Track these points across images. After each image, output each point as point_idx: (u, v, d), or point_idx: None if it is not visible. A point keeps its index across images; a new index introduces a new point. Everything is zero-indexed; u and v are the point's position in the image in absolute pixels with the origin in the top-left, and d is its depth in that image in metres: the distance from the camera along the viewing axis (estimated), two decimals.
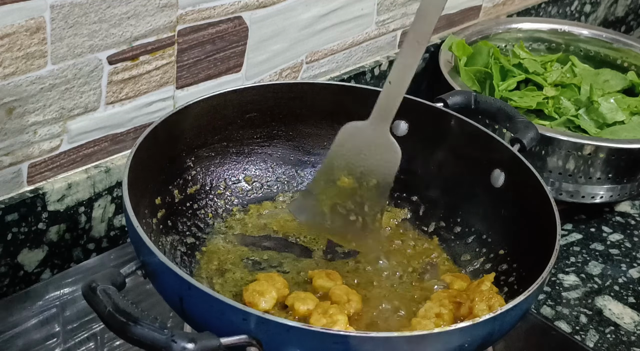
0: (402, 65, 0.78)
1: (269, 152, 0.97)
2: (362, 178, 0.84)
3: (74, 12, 0.84)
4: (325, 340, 0.64)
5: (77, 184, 0.92)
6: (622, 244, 1.12)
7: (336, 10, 1.12)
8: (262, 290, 0.79)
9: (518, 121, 0.96)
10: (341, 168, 0.84)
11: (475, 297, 0.80)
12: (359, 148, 0.83)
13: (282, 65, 1.10)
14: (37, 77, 0.85)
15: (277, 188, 0.97)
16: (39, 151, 0.89)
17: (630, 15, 1.74)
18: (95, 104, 0.91)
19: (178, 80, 0.98)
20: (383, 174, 0.83)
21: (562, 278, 1.05)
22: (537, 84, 1.26)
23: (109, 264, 0.94)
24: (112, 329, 0.63)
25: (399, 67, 0.78)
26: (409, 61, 0.77)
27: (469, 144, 0.93)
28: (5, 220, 0.88)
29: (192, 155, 0.91)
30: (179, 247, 0.86)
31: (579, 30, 1.38)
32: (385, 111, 0.80)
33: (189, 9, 0.94)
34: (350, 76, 1.19)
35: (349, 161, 0.84)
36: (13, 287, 0.91)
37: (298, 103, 0.96)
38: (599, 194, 1.13)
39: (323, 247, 0.91)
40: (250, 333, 0.64)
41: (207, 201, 0.92)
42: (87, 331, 0.87)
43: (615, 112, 1.20)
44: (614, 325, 0.98)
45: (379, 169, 0.83)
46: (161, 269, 0.68)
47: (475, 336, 0.68)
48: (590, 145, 1.08)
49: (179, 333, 0.61)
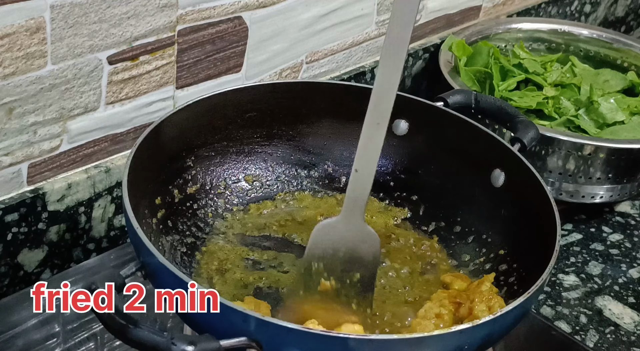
0: (365, 149, 0.73)
1: (269, 151, 0.97)
2: (344, 276, 0.79)
3: (74, 12, 0.84)
4: (325, 342, 0.64)
5: (77, 184, 0.92)
6: (622, 244, 1.12)
7: (336, 10, 1.12)
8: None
9: (518, 120, 0.96)
10: (319, 272, 0.79)
11: (475, 297, 0.80)
12: (335, 246, 0.78)
13: (282, 65, 1.10)
14: (37, 77, 0.85)
15: (277, 187, 0.97)
16: (39, 151, 0.89)
17: (630, 15, 1.74)
18: (95, 104, 0.91)
19: (178, 80, 0.98)
20: (365, 266, 0.78)
21: (562, 278, 1.05)
22: (537, 84, 1.26)
23: (109, 264, 0.94)
24: (112, 331, 0.63)
25: (362, 152, 0.73)
26: (371, 145, 0.73)
27: (469, 144, 0.93)
28: (5, 220, 0.88)
29: (192, 155, 0.91)
30: (178, 247, 0.86)
31: (579, 30, 1.38)
32: (355, 202, 0.76)
33: (189, 9, 0.94)
34: (350, 76, 1.19)
35: (326, 262, 0.78)
36: (13, 287, 0.91)
37: (298, 103, 0.96)
38: (599, 194, 1.13)
39: None
40: (250, 335, 0.64)
41: (207, 201, 0.92)
42: (87, 331, 0.87)
43: (615, 112, 1.20)
44: (614, 325, 0.98)
45: (360, 263, 0.78)
46: (161, 271, 0.68)
47: (475, 338, 0.68)
48: (590, 145, 1.08)
49: (178, 336, 0.61)
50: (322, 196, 0.98)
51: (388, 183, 0.98)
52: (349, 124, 0.98)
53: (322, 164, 0.99)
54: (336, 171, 0.99)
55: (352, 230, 0.77)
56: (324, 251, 0.78)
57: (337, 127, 0.98)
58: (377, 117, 0.72)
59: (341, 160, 0.99)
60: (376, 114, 0.72)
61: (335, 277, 0.78)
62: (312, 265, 0.78)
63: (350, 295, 0.78)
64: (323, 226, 0.78)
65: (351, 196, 0.75)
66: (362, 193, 0.75)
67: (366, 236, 0.78)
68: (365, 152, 0.73)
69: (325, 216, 0.95)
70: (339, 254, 0.78)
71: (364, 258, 0.78)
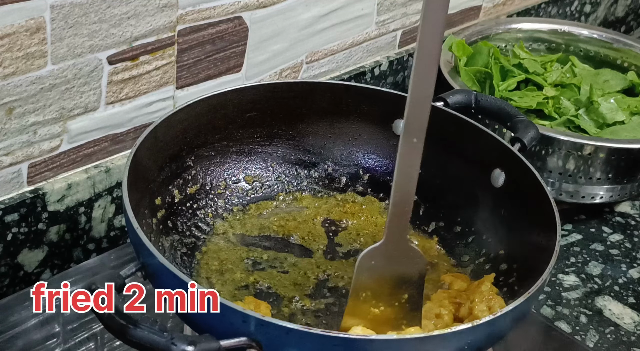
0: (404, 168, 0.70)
1: (269, 151, 0.97)
2: (392, 299, 0.76)
3: (74, 12, 0.84)
4: (324, 343, 0.64)
5: (77, 184, 0.92)
6: (622, 244, 1.12)
7: (336, 10, 1.12)
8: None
9: (518, 120, 0.96)
10: (367, 301, 0.75)
11: (475, 298, 0.80)
12: (381, 272, 0.74)
13: (282, 65, 1.10)
14: (37, 77, 0.85)
15: (277, 187, 0.97)
16: (39, 151, 0.89)
17: (630, 15, 1.74)
18: (95, 104, 0.91)
19: (178, 80, 0.98)
20: (412, 285, 0.76)
21: (562, 278, 1.05)
22: (537, 84, 1.26)
23: (109, 264, 0.94)
24: (112, 331, 0.63)
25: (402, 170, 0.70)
26: (410, 163, 0.69)
27: (469, 144, 0.93)
28: (5, 220, 0.88)
29: (192, 155, 0.91)
30: (178, 247, 0.86)
31: (579, 31, 1.38)
32: (399, 223, 0.72)
33: (189, 9, 0.94)
34: (350, 76, 1.19)
35: (374, 290, 0.75)
36: (13, 287, 0.92)
37: (298, 102, 0.96)
38: (599, 194, 1.13)
39: (323, 247, 0.91)
40: (250, 336, 0.64)
41: (207, 201, 0.92)
42: (87, 331, 0.87)
43: (615, 112, 1.20)
44: (614, 325, 0.98)
45: (407, 283, 0.76)
46: (161, 271, 0.68)
47: (475, 338, 0.68)
48: (590, 145, 1.08)
49: (178, 336, 0.61)
50: (322, 196, 0.98)
51: (388, 183, 0.98)
52: (349, 124, 0.98)
53: (322, 164, 0.99)
54: (336, 171, 0.99)
55: (397, 252, 0.74)
56: (370, 278, 0.75)
57: (337, 127, 0.98)
58: (414, 133, 0.69)
59: (341, 160, 0.99)
60: (412, 130, 0.69)
61: (383, 303, 0.76)
62: (360, 295, 0.75)
63: (399, 316, 0.76)
64: (367, 253, 0.74)
65: (393, 217, 0.72)
66: (404, 212, 0.72)
67: (412, 256, 0.75)
68: (405, 170, 0.70)
69: (325, 216, 0.95)
70: (385, 278, 0.75)
71: (411, 278, 0.76)
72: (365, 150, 0.99)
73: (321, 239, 0.92)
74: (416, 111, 0.68)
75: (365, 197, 0.98)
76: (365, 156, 0.99)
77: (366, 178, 0.99)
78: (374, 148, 0.99)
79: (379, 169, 0.99)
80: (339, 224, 0.95)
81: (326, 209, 0.96)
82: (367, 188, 0.99)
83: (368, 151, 0.99)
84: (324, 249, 0.91)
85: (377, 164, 0.99)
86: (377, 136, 0.98)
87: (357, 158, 0.99)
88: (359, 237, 0.93)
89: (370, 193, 0.99)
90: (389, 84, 1.25)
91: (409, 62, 1.26)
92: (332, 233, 0.94)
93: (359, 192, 0.99)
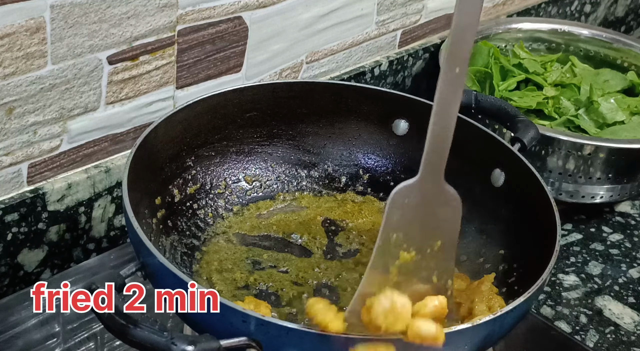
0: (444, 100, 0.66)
1: (269, 151, 0.97)
2: (424, 245, 0.71)
3: (74, 12, 0.84)
4: (325, 342, 0.64)
5: (77, 184, 0.92)
6: (622, 244, 1.12)
7: (336, 10, 1.12)
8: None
9: (518, 120, 0.96)
10: (398, 243, 0.70)
11: (475, 298, 0.80)
12: (414, 212, 0.69)
13: (282, 65, 1.10)
14: (37, 77, 0.85)
15: (277, 187, 0.97)
16: (39, 151, 0.89)
17: (630, 15, 1.74)
18: (95, 104, 0.91)
19: (178, 80, 0.98)
20: (446, 232, 0.72)
21: (562, 278, 1.05)
22: (537, 84, 1.26)
23: (109, 264, 0.94)
24: (112, 331, 0.63)
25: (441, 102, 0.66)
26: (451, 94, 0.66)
27: (469, 144, 0.93)
28: (5, 220, 0.88)
29: (192, 154, 0.91)
30: (178, 247, 0.86)
31: (579, 30, 1.38)
32: (436, 159, 0.68)
33: (189, 9, 0.94)
34: (350, 76, 1.19)
35: (405, 232, 0.69)
36: (13, 287, 0.91)
37: (298, 102, 0.96)
38: (599, 194, 1.13)
39: (323, 247, 0.91)
40: (250, 335, 0.64)
41: (207, 201, 0.92)
42: (87, 331, 0.87)
43: (615, 112, 1.20)
44: (614, 325, 0.98)
45: (441, 228, 0.71)
46: (161, 271, 0.68)
47: (475, 338, 0.68)
48: (590, 145, 1.08)
49: (178, 336, 0.61)
50: (322, 196, 0.98)
51: (388, 183, 0.98)
52: (349, 124, 0.98)
53: (322, 164, 0.99)
54: (336, 171, 0.99)
55: (432, 191, 0.69)
56: (403, 217, 0.69)
57: (337, 127, 0.98)
58: (456, 62, 0.65)
59: (341, 160, 0.99)
60: (455, 60, 0.65)
61: (415, 247, 0.70)
62: (390, 236, 0.69)
63: (430, 266, 0.71)
64: (401, 189, 0.68)
65: (430, 152, 0.68)
66: (443, 147, 0.68)
67: (448, 197, 0.71)
68: (445, 102, 0.66)
69: (325, 216, 0.95)
70: (418, 220, 0.70)
71: (445, 223, 0.71)
72: (365, 150, 0.99)
73: (321, 239, 0.92)
74: (460, 38, 0.64)
75: (365, 197, 0.98)
76: (365, 156, 0.99)
77: (366, 178, 0.99)
78: (374, 148, 0.99)
79: (379, 169, 0.99)
80: (339, 224, 0.95)
81: (326, 209, 0.96)
82: (367, 188, 0.99)
83: (368, 151, 0.99)
84: (323, 249, 0.91)
85: (377, 164, 0.99)
86: (377, 136, 0.98)
87: (357, 158, 0.99)
88: (359, 237, 0.93)
89: (370, 193, 0.99)
90: (389, 84, 1.25)
91: (409, 62, 1.26)
92: (332, 233, 0.94)
93: (359, 192, 0.99)
